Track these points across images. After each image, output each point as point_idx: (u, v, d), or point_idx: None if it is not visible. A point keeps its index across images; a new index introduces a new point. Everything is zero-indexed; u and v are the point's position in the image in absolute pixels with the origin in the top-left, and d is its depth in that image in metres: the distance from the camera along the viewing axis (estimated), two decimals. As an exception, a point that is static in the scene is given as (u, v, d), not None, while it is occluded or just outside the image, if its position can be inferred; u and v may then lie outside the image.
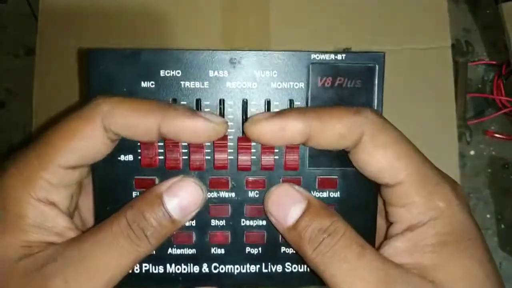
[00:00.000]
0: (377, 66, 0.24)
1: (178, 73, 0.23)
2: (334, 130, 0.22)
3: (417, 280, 0.22)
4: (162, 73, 0.23)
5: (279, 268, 0.25)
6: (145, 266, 0.25)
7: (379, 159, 0.23)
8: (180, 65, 0.23)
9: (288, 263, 0.25)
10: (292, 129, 0.22)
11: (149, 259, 0.24)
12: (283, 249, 0.25)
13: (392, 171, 0.23)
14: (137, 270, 0.25)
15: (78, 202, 0.26)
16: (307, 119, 0.22)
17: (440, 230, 0.22)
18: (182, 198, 0.23)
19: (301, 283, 0.25)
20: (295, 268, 0.25)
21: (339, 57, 0.24)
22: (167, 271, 0.25)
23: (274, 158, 0.24)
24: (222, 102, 0.24)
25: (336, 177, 0.25)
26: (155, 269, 0.25)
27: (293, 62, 0.24)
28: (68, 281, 0.22)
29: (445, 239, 0.22)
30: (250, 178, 0.24)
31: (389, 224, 0.24)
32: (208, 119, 0.22)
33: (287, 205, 0.23)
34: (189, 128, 0.22)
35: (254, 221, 0.25)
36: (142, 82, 0.24)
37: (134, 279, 0.25)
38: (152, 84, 0.24)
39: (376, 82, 0.24)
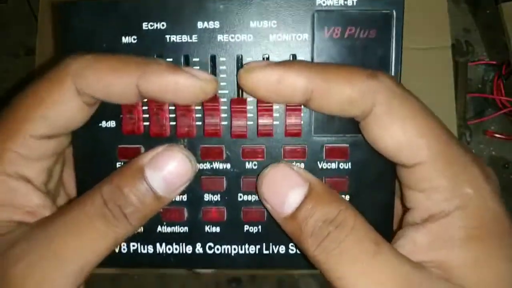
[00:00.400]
0: (395, 12, 0.20)
1: (163, 25, 0.20)
2: (342, 93, 0.19)
3: (442, 285, 0.18)
4: (144, 26, 0.20)
5: (282, 249, 0.22)
6: (133, 246, 0.22)
7: (396, 134, 0.19)
8: (165, 16, 0.20)
9: (293, 243, 0.22)
10: (292, 84, 0.19)
11: (136, 238, 0.22)
12: None
13: (411, 149, 0.19)
14: (124, 249, 0.22)
15: (61, 177, 0.23)
16: (310, 75, 0.19)
17: (468, 223, 0.18)
18: (167, 171, 0.20)
19: (308, 266, 0.21)
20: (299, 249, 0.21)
21: (349, 2, 0.20)
22: (157, 251, 0.22)
23: (273, 123, 0.21)
24: (213, 58, 0.21)
25: (347, 145, 0.21)
26: (143, 249, 0.22)
27: (295, 9, 0.20)
28: (32, 266, 0.19)
29: (474, 234, 0.18)
30: (247, 147, 0.21)
31: (406, 209, 0.21)
32: (194, 75, 0.19)
33: (285, 190, 0.19)
34: (172, 85, 0.19)
35: (253, 196, 0.22)
36: (123, 38, 0.20)
37: (120, 259, 0.22)
38: (134, 39, 0.20)
39: (394, 32, 0.20)
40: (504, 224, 0.19)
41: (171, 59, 0.21)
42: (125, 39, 0.20)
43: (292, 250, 0.22)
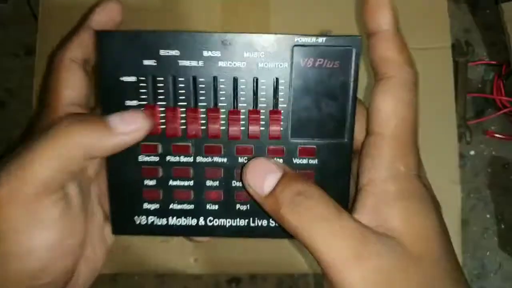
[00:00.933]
0: (354, 49, 0.26)
1: (177, 52, 0.26)
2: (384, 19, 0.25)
3: (385, 239, 0.23)
4: (162, 52, 0.26)
5: (264, 222, 0.28)
6: (151, 219, 0.28)
7: (386, 105, 0.24)
8: (178, 45, 0.26)
9: (272, 219, 0.28)
10: None
11: (154, 212, 0.28)
12: None
13: (387, 120, 0.24)
14: (143, 221, 0.28)
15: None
16: None
17: (401, 187, 0.24)
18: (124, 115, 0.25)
19: (283, 235, 0.27)
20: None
21: (320, 40, 0.26)
22: (169, 223, 0.28)
23: (260, 129, 0.27)
24: (215, 79, 0.26)
25: (314, 146, 0.28)
26: (159, 221, 0.28)
27: (278, 44, 0.26)
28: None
29: (406, 196, 0.24)
30: (240, 146, 0.27)
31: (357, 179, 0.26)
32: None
33: (263, 174, 0.25)
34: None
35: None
36: (145, 60, 0.26)
37: (141, 229, 0.28)
38: (154, 62, 0.26)
39: (353, 63, 0.26)
40: (422, 191, 0.24)
41: (182, 79, 0.26)
42: (146, 62, 0.26)
43: (272, 224, 0.28)
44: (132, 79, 0.26)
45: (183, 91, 0.26)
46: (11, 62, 0.51)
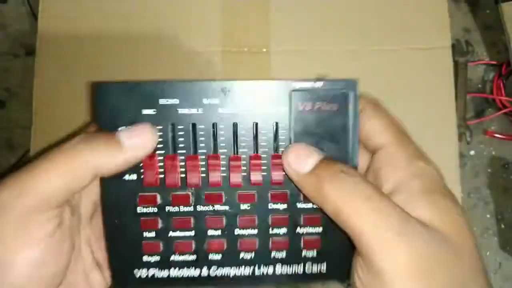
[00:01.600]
0: (351, 92, 0.26)
1: (176, 101, 0.26)
2: None
3: (425, 225, 0.23)
4: (161, 101, 0.26)
5: (270, 270, 0.27)
6: (152, 271, 0.27)
7: (367, 127, 0.26)
8: (178, 94, 0.26)
9: (278, 265, 0.27)
10: None
11: (154, 265, 0.27)
12: (273, 254, 0.27)
13: (376, 136, 0.26)
14: (144, 274, 0.27)
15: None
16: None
17: (425, 185, 0.24)
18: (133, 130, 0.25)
19: (289, 281, 0.27)
20: (284, 269, 0.28)
21: (317, 84, 0.26)
22: (171, 276, 0.27)
23: (262, 174, 0.26)
24: (215, 125, 0.26)
25: None
26: (160, 274, 0.27)
27: (276, 89, 0.26)
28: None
29: (431, 190, 0.24)
30: (241, 193, 0.27)
31: None
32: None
33: (304, 156, 0.25)
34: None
35: (247, 230, 0.27)
36: (143, 110, 0.26)
37: (141, 281, 0.27)
38: (153, 111, 0.26)
39: (351, 106, 0.26)
40: (446, 186, 0.25)
41: (182, 126, 0.26)
42: (144, 111, 0.26)
43: (278, 271, 0.27)
44: None
45: (182, 139, 0.26)
46: (11, 62, 0.51)
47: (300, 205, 0.27)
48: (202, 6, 0.41)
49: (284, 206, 0.27)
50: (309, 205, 0.27)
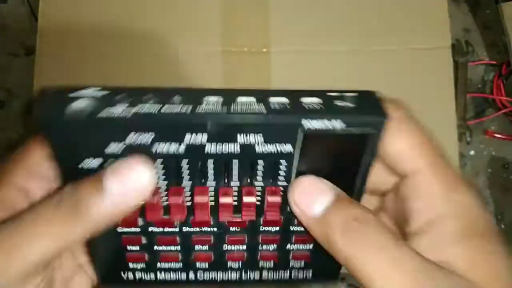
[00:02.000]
0: (375, 133, 0.21)
1: (152, 135, 0.20)
2: None
3: (455, 277, 0.20)
4: (132, 138, 0.20)
5: (256, 275, 0.26)
6: (138, 274, 0.26)
7: (398, 144, 0.22)
8: (154, 128, 0.20)
9: (265, 271, 0.27)
10: None
11: (141, 270, 0.26)
12: (261, 263, 0.26)
13: (410, 157, 0.22)
14: (131, 277, 0.26)
15: None
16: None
17: (462, 224, 0.21)
18: (125, 174, 0.20)
19: (277, 284, 0.27)
20: (270, 275, 0.27)
21: (337, 125, 0.20)
22: (158, 279, 0.26)
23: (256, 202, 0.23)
24: (201, 163, 0.21)
25: None
26: (147, 277, 0.26)
27: (283, 129, 0.20)
28: None
29: (469, 233, 0.21)
30: (232, 221, 0.24)
31: (404, 225, 0.23)
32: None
33: (314, 195, 0.22)
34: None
35: (235, 246, 0.25)
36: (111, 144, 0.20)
37: (128, 283, 0.26)
38: (123, 145, 0.20)
39: (371, 149, 0.21)
40: (492, 226, 0.22)
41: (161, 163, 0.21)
42: (110, 149, 0.20)
43: (265, 276, 0.26)
44: (96, 163, 0.20)
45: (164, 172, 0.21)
46: (11, 62, 0.51)
47: (293, 228, 0.24)
48: (202, 6, 0.41)
49: (276, 229, 0.24)
50: (302, 229, 0.24)
